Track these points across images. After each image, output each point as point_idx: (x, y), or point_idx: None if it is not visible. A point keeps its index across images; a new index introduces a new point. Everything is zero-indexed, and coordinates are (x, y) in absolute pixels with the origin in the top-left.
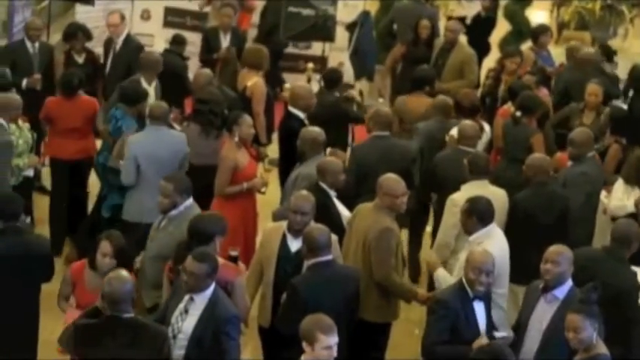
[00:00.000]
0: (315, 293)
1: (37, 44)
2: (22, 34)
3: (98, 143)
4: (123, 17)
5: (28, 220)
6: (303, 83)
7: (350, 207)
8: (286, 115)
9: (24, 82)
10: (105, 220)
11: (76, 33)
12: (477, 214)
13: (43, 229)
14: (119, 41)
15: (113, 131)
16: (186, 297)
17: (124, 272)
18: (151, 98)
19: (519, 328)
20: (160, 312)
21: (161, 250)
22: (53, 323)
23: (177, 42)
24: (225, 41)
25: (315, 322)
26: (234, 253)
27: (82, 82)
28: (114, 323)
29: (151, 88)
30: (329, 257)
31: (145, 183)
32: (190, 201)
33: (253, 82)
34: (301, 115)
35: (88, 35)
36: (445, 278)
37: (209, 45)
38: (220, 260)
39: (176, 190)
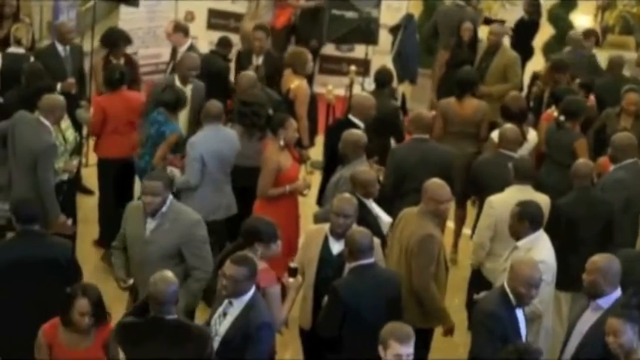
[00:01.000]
0: (356, 296)
1: (68, 47)
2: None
3: None
4: (186, 33)
5: (70, 221)
6: (366, 94)
7: (388, 208)
8: (345, 122)
9: (58, 87)
10: None
11: (118, 42)
12: (529, 218)
13: (87, 230)
14: (181, 50)
15: (156, 136)
16: (226, 301)
17: (168, 273)
18: (187, 100)
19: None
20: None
21: (166, 250)
22: None
23: (223, 44)
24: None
25: (392, 329)
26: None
27: (124, 75)
28: (158, 324)
29: (187, 89)
30: (371, 260)
31: (210, 181)
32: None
33: (296, 84)
34: (361, 124)
35: (128, 41)
36: None
37: (241, 67)
38: (262, 265)
39: (165, 186)
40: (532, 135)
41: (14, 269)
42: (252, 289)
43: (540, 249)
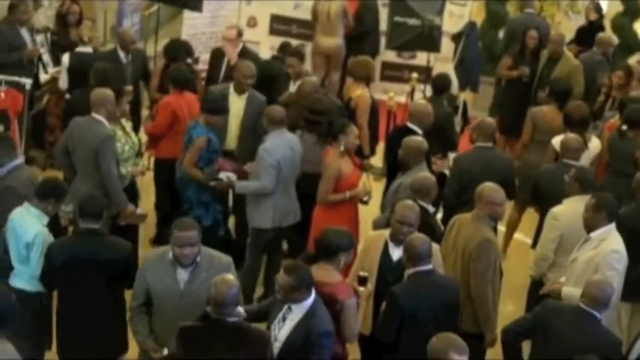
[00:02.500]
0: (414, 302)
1: (130, 55)
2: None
3: None
4: (240, 33)
5: (140, 210)
6: (423, 101)
7: (450, 216)
8: (404, 129)
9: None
10: None
11: (180, 55)
12: (607, 208)
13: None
14: (234, 54)
15: (187, 142)
16: (285, 306)
17: (230, 276)
18: (240, 109)
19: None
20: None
21: (205, 302)
22: None
23: (285, 50)
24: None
25: (450, 341)
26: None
27: (188, 77)
28: (218, 327)
29: (242, 99)
30: (429, 267)
31: (283, 187)
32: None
33: (358, 94)
34: (419, 131)
35: (189, 53)
36: (572, 295)
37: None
38: (338, 278)
39: (199, 232)
40: (594, 143)
41: (71, 266)
42: (312, 296)
43: (613, 239)
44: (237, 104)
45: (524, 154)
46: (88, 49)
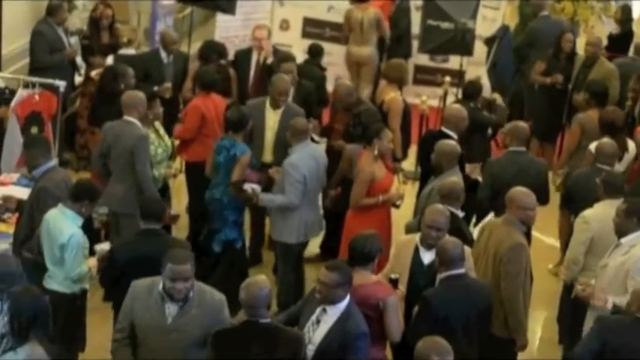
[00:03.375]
0: (446, 306)
1: (171, 55)
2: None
3: None
4: (270, 33)
5: (173, 212)
6: (459, 105)
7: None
8: (438, 133)
9: (154, 90)
10: (215, 253)
11: (211, 55)
12: (638, 214)
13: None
14: (263, 54)
15: (226, 161)
16: (319, 308)
17: (261, 277)
18: (275, 122)
19: None
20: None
21: (194, 339)
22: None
23: (314, 53)
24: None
25: (431, 345)
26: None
27: (216, 79)
28: (252, 328)
29: (277, 113)
30: (461, 271)
31: (308, 200)
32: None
33: (390, 97)
34: (454, 135)
35: (222, 55)
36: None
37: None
38: (374, 278)
39: (193, 266)
40: (632, 146)
41: (134, 265)
42: (347, 298)
43: None
44: (272, 117)
45: (570, 160)
46: (131, 51)
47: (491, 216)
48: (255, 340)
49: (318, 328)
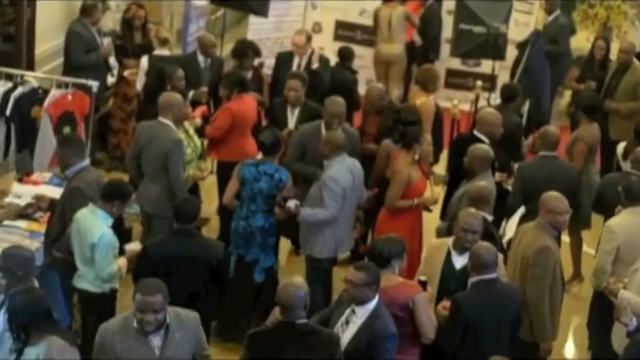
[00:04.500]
0: (477, 311)
1: (209, 59)
2: (195, 45)
3: None
4: (309, 38)
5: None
6: (492, 110)
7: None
8: (470, 137)
9: (190, 94)
10: (257, 284)
11: (247, 52)
12: None
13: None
14: (305, 58)
15: (270, 187)
16: (348, 309)
17: (299, 278)
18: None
19: None
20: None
21: None
22: None
23: (344, 56)
24: (291, 118)
25: None
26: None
27: (244, 81)
28: (288, 329)
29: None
30: (493, 275)
31: (344, 215)
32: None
33: (422, 101)
34: (486, 140)
35: (257, 53)
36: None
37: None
38: (399, 279)
39: (165, 296)
40: None
41: (167, 265)
42: (376, 299)
43: None
44: None
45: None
46: (165, 52)
47: (521, 211)
48: (291, 341)
49: (347, 328)
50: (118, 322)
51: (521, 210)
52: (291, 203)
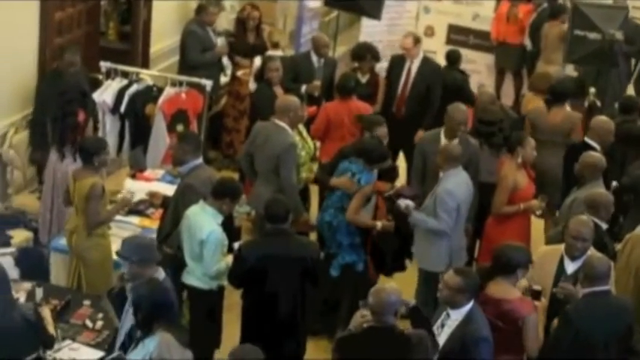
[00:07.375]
0: (587, 323)
1: (322, 59)
2: (309, 46)
3: None
4: (417, 40)
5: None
6: (606, 118)
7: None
8: (582, 144)
9: (303, 88)
10: (332, 278)
11: (365, 55)
12: None
13: None
14: (415, 62)
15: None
16: (444, 312)
17: (393, 284)
18: None
19: None
20: None
21: None
22: None
23: (452, 59)
24: None
25: None
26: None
27: (358, 85)
28: (378, 334)
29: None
30: (606, 287)
31: (457, 227)
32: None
33: (533, 106)
34: (598, 147)
35: (376, 57)
36: None
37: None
38: (518, 293)
39: None
40: None
41: (261, 264)
42: (471, 303)
43: None
44: None
45: None
46: (279, 53)
47: None
48: (379, 346)
49: (442, 332)
50: None
51: None
52: (402, 202)
